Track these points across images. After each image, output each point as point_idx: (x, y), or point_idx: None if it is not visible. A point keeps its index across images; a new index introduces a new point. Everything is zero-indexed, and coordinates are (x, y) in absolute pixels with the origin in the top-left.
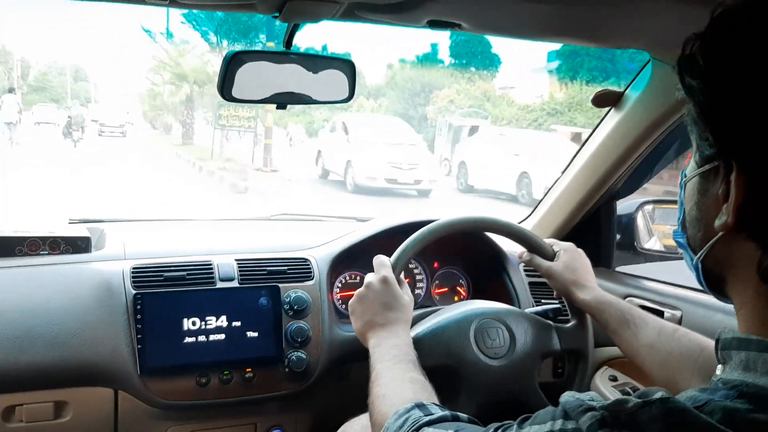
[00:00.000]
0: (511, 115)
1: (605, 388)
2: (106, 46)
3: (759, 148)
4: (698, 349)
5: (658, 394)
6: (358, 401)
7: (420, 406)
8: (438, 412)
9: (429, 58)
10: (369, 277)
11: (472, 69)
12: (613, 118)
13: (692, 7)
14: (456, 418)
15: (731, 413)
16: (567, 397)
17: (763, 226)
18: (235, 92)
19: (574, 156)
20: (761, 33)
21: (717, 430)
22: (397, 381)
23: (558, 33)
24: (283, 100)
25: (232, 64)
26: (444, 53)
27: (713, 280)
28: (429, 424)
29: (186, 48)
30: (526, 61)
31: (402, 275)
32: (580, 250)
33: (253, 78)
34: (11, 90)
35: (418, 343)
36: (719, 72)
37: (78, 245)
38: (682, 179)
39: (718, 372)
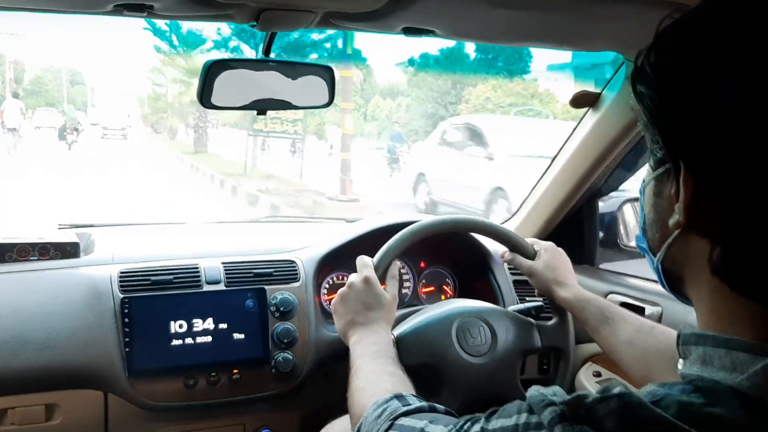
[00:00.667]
0: (568, 113)
1: (589, 383)
2: (104, 47)
3: (702, 149)
4: (674, 345)
5: (617, 389)
6: (345, 400)
7: (398, 397)
8: (415, 403)
9: (454, 53)
10: (352, 278)
11: (500, 65)
12: (591, 119)
13: (662, 10)
14: (433, 409)
15: (685, 407)
16: (532, 391)
17: (711, 222)
18: (215, 100)
19: (555, 156)
20: (701, 45)
21: (671, 423)
22: (376, 374)
23: (531, 38)
24: (262, 107)
25: (211, 72)
26: (470, 47)
27: (673, 281)
28: (406, 414)
29: (197, 40)
30: (543, 58)
31: (390, 273)
32: (560, 249)
33: (232, 85)
34: (15, 95)
35: (401, 341)
36: (664, 81)
37: (67, 251)
38: (641, 186)
39: (680, 366)
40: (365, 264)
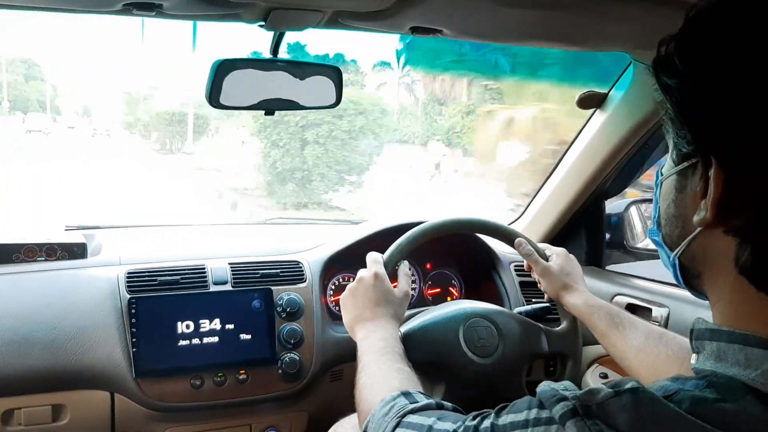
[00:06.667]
0: None
1: (595, 385)
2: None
3: (737, 143)
4: (685, 352)
5: (629, 384)
6: (353, 400)
7: (406, 394)
8: (423, 400)
9: None
10: (361, 273)
11: None
12: (598, 119)
13: (671, 9)
14: (440, 407)
15: (699, 402)
16: (543, 386)
17: (740, 220)
18: (223, 99)
19: (562, 157)
20: (735, 32)
21: (684, 418)
22: (383, 371)
23: (539, 38)
24: (270, 107)
25: (219, 71)
26: None
27: (689, 276)
28: (413, 411)
29: None
30: None
31: (403, 270)
32: (572, 256)
33: (240, 85)
34: None
35: (408, 338)
36: (695, 71)
37: (74, 251)
38: (657, 178)
39: (692, 361)
40: (375, 260)
